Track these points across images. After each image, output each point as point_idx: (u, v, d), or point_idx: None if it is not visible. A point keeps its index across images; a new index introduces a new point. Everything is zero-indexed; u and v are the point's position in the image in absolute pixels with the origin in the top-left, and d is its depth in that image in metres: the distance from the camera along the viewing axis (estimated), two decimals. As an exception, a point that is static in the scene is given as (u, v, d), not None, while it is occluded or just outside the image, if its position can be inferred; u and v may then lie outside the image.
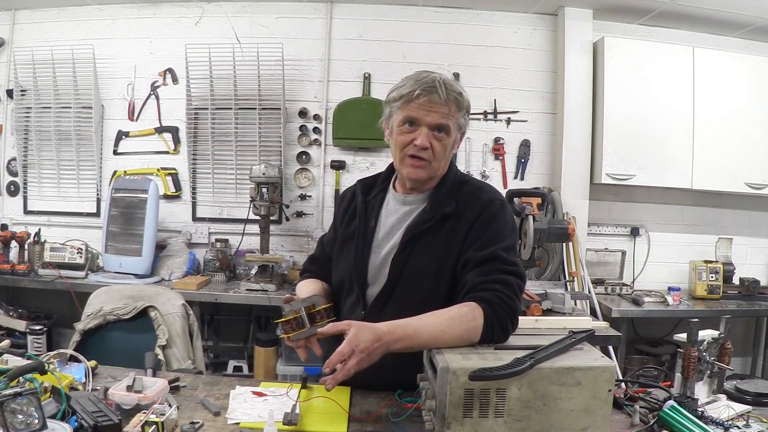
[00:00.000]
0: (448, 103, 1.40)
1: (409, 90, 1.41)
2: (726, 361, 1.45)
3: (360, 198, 1.57)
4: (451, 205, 1.46)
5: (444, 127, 1.41)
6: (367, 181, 1.64)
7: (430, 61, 3.63)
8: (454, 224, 1.44)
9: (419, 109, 1.40)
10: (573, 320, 2.62)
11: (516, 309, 1.36)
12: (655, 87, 3.48)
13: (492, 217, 1.43)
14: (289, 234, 3.74)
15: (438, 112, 1.40)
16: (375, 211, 1.56)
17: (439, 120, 1.40)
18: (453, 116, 1.42)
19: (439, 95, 1.38)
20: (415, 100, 1.40)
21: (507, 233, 1.44)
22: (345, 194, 1.68)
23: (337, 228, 1.65)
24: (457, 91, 1.42)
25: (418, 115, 1.40)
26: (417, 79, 1.42)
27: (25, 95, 3.71)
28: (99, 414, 1.13)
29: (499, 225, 1.43)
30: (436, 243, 1.44)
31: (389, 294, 1.46)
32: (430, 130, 1.41)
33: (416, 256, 1.44)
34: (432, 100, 1.39)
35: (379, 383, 1.42)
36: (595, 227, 3.77)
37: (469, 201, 1.46)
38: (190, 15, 3.70)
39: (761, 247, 3.92)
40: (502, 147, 3.72)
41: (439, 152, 1.43)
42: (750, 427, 1.31)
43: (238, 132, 3.67)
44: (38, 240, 3.41)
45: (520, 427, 1.12)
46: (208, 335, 3.55)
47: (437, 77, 1.42)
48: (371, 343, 1.21)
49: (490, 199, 1.47)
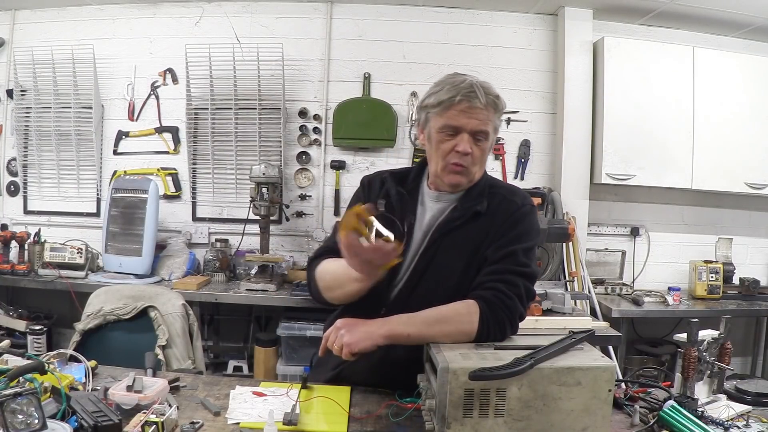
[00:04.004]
0: (487, 107, 1.40)
1: (449, 96, 1.39)
2: (726, 361, 1.45)
3: (394, 190, 1.53)
4: (482, 204, 1.46)
5: (483, 132, 1.41)
6: (398, 174, 1.60)
7: (430, 61, 3.64)
8: (483, 223, 1.45)
9: (460, 116, 1.39)
10: (573, 320, 2.63)
11: (515, 309, 1.36)
12: (655, 87, 3.47)
13: (519, 220, 1.45)
14: (289, 234, 3.74)
15: (478, 118, 1.39)
16: (410, 206, 1.52)
17: (480, 126, 1.40)
18: (491, 121, 1.42)
19: (480, 100, 1.38)
20: (456, 106, 1.39)
21: (531, 235, 1.46)
22: (372, 181, 1.61)
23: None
24: (494, 94, 1.43)
25: (460, 123, 1.40)
26: (453, 84, 1.41)
27: (25, 95, 3.71)
28: (99, 414, 1.14)
29: (524, 227, 1.44)
30: (465, 241, 1.44)
31: (412, 289, 1.45)
32: (470, 136, 1.40)
33: (443, 252, 1.44)
34: (473, 106, 1.38)
35: (388, 381, 1.43)
36: (595, 227, 3.77)
37: (502, 203, 1.48)
38: (190, 15, 3.70)
39: (761, 247, 3.92)
40: (502, 147, 3.72)
41: (478, 157, 1.43)
42: (750, 427, 1.31)
43: (238, 132, 3.67)
44: (38, 240, 3.41)
45: (520, 427, 1.12)
46: (208, 335, 3.55)
47: (474, 81, 1.41)
48: (349, 321, 1.32)
49: (522, 203, 1.49)
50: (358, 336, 1.28)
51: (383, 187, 1.56)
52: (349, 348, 1.28)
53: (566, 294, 2.81)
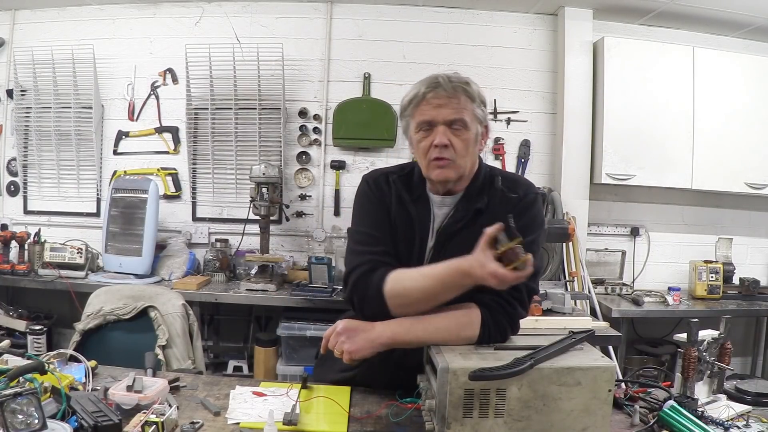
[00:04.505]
0: (456, 94, 1.38)
1: (415, 92, 1.40)
2: (726, 361, 1.45)
3: (407, 197, 1.48)
4: (482, 201, 1.43)
5: (459, 121, 1.38)
6: (402, 175, 1.52)
7: (430, 61, 3.63)
8: (486, 222, 1.38)
9: (430, 109, 1.38)
10: (573, 320, 2.63)
11: (515, 315, 1.36)
12: (655, 87, 3.47)
13: (521, 213, 1.39)
14: (289, 234, 3.74)
15: (448, 107, 1.37)
16: (425, 214, 1.47)
17: (452, 114, 1.37)
18: (466, 108, 1.38)
19: (444, 88, 1.37)
20: (423, 100, 1.38)
21: (534, 228, 1.41)
22: (377, 181, 1.52)
23: (379, 215, 1.48)
24: (463, 81, 1.40)
25: (430, 115, 1.38)
26: (421, 81, 1.41)
27: (25, 95, 3.71)
28: (99, 414, 1.14)
29: (526, 220, 1.39)
30: (470, 243, 1.38)
31: None
32: (446, 126, 1.38)
33: (450, 257, 1.39)
34: (438, 95, 1.37)
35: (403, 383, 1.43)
36: (595, 227, 3.77)
37: (503, 197, 1.44)
38: (190, 15, 3.70)
39: (761, 247, 3.92)
40: (502, 147, 3.72)
41: (460, 148, 1.39)
42: (750, 427, 1.32)
43: (238, 132, 3.67)
44: (38, 240, 3.40)
45: (520, 427, 1.12)
46: (208, 335, 3.55)
47: (440, 73, 1.41)
48: (349, 325, 1.32)
49: (524, 194, 1.44)
50: (359, 344, 1.30)
51: (395, 190, 1.50)
52: (350, 355, 1.30)
53: (566, 294, 2.81)
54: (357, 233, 1.49)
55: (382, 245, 1.43)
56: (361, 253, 1.43)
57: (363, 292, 1.38)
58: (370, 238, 1.45)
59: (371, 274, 1.38)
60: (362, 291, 1.38)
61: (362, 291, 1.38)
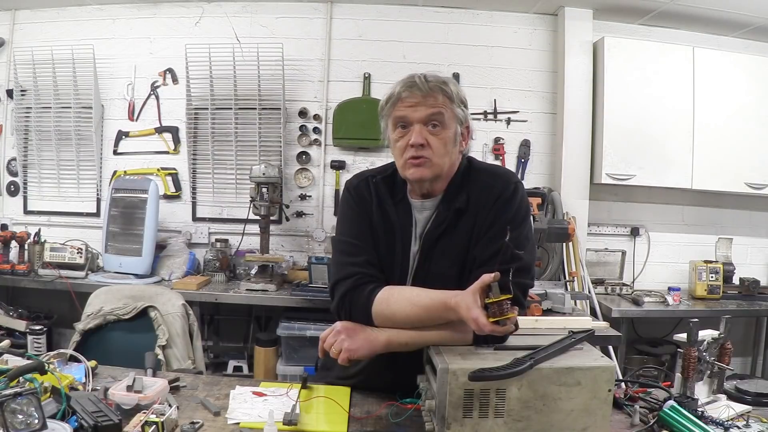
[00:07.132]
0: (433, 93, 1.36)
1: (392, 92, 1.40)
2: (726, 361, 1.45)
3: (389, 201, 1.47)
4: (461, 200, 1.40)
5: (435, 119, 1.36)
6: (385, 177, 1.51)
7: (430, 61, 3.63)
8: (467, 223, 1.39)
9: (405, 108, 1.38)
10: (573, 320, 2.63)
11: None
12: (655, 87, 3.47)
13: (502, 208, 1.37)
14: (289, 234, 3.74)
15: (424, 105, 1.36)
16: (407, 219, 1.46)
17: (427, 112, 1.36)
18: (444, 107, 1.37)
19: (420, 88, 1.36)
20: (400, 100, 1.38)
21: (517, 220, 1.37)
22: (359, 188, 1.52)
23: (360, 224, 1.47)
24: (440, 81, 1.39)
25: (406, 113, 1.37)
26: (398, 81, 1.42)
27: (25, 95, 3.71)
28: (99, 414, 1.14)
29: (508, 215, 1.36)
30: (453, 246, 1.39)
31: None
32: (422, 126, 1.37)
33: (436, 263, 1.40)
34: (414, 95, 1.36)
35: (388, 384, 1.43)
36: (595, 227, 3.77)
37: (481, 193, 1.40)
38: (190, 15, 3.70)
39: (761, 247, 3.92)
40: (502, 147, 3.72)
41: (437, 147, 1.37)
42: (750, 427, 1.32)
43: (238, 132, 3.67)
44: (38, 240, 3.40)
45: (520, 427, 1.12)
46: (208, 335, 3.54)
47: (417, 73, 1.40)
48: (349, 326, 1.34)
49: (502, 186, 1.40)
50: (359, 343, 1.31)
51: (375, 195, 1.48)
52: (349, 354, 1.29)
53: (566, 294, 2.81)
54: (340, 242, 1.49)
55: (364, 255, 1.43)
56: (345, 265, 1.43)
57: (349, 308, 1.38)
58: (353, 248, 1.44)
59: (358, 291, 1.38)
60: (348, 307, 1.39)
61: (348, 307, 1.39)
